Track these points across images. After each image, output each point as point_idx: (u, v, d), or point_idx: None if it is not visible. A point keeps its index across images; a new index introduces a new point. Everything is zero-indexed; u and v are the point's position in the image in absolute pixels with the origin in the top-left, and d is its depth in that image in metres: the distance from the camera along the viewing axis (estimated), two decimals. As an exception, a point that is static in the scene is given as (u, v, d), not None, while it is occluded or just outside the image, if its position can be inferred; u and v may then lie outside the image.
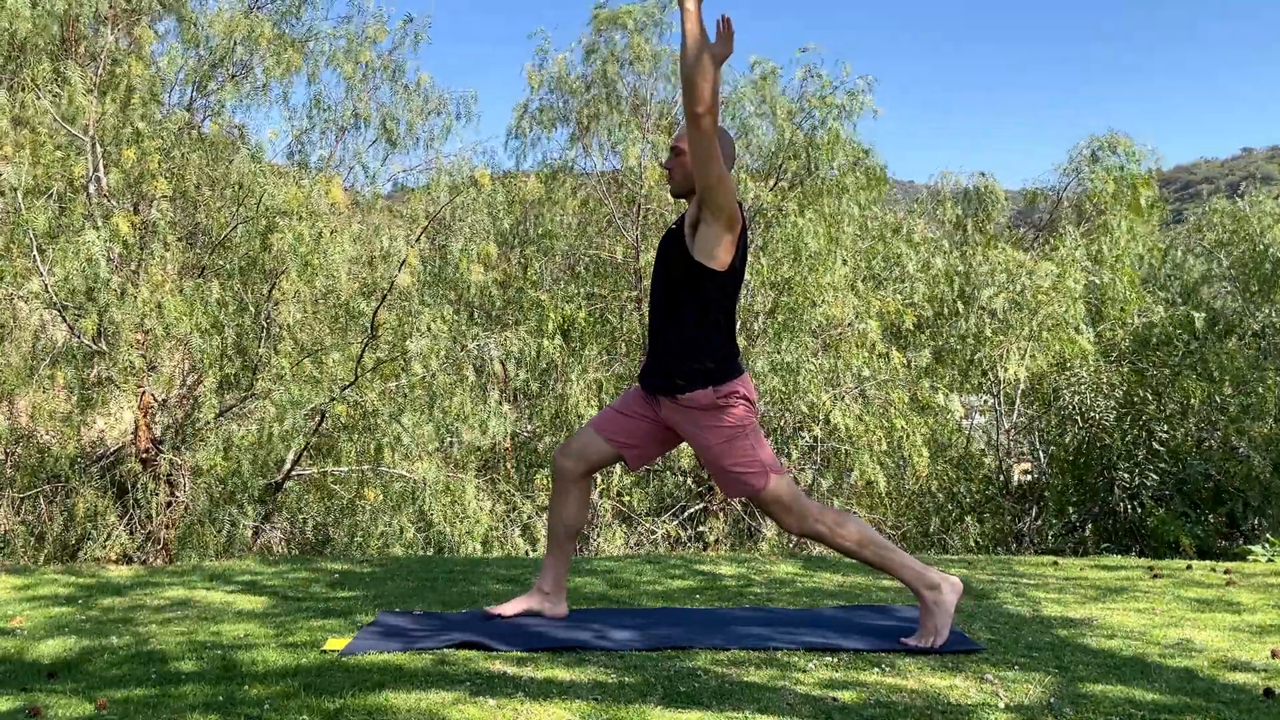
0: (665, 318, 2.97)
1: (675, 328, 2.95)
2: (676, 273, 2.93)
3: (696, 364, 2.91)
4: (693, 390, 2.92)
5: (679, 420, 3.01)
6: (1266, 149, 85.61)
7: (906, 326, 10.35)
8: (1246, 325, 12.24)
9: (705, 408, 2.92)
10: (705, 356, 2.91)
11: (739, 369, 2.96)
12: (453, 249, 9.15)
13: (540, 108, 10.68)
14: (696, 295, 2.90)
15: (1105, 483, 8.86)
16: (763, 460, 2.96)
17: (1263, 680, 2.57)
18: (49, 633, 3.21)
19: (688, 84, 2.70)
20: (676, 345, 2.94)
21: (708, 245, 2.85)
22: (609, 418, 3.13)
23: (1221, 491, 8.89)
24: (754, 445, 2.96)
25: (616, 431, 3.10)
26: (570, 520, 3.16)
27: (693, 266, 2.88)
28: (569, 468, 3.13)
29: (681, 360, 2.93)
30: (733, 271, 2.91)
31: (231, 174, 7.86)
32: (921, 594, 2.93)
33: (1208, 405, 9.58)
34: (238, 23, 7.89)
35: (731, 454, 2.94)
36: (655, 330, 3.02)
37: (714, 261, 2.86)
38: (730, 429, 2.93)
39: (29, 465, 7.76)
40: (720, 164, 2.77)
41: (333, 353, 7.85)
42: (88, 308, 6.96)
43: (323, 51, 8.74)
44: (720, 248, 2.85)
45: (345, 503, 8.45)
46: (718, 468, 3.00)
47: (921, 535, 10.67)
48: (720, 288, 2.91)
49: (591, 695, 2.38)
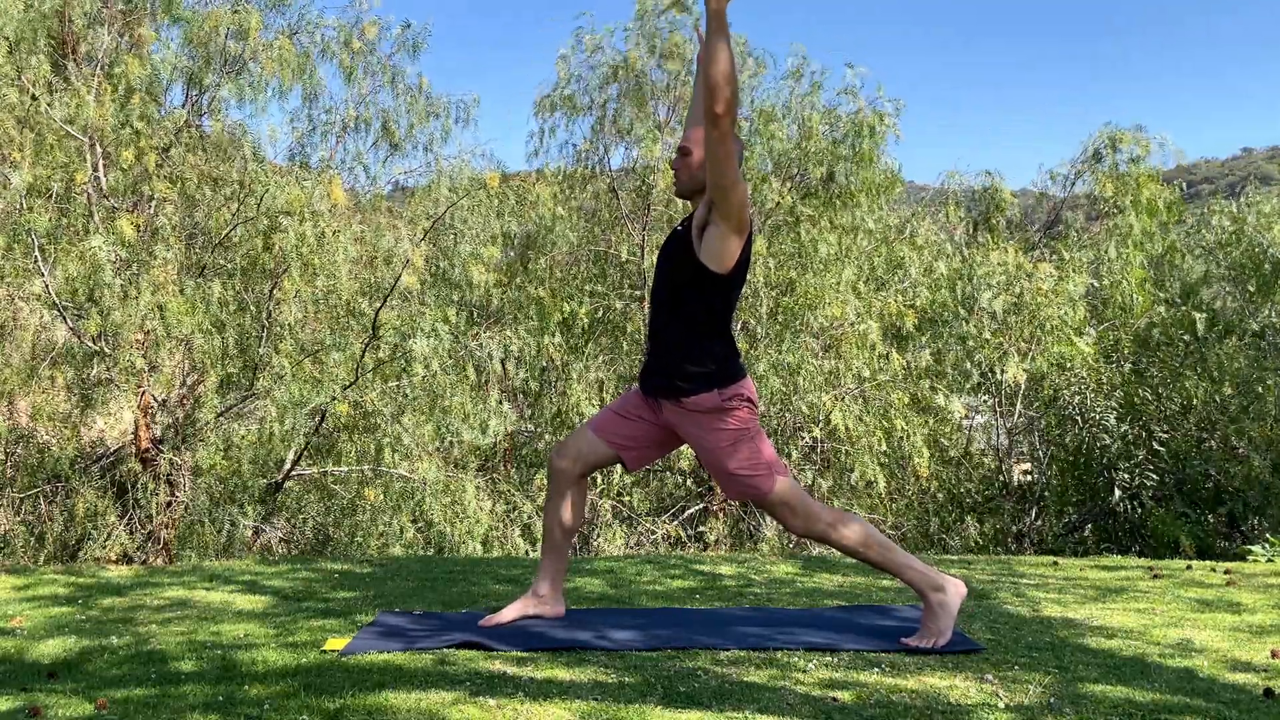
0: (668, 319, 2.96)
1: (678, 329, 2.94)
2: (681, 274, 2.91)
3: (699, 366, 2.90)
4: (696, 394, 2.90)
5: (681, 423, 2.99)
6: (1266, 149, 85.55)
7: (907, 328, 10.35)
8: (1246, 325, 12.23)
9: (709, 411, 2.91)
10: (707, 359, 2.90)
11: (741, 371, 2.96)
12: (460, 250, 9.16)
13: (566, 95, 10.64)
14: (701, 298, 2.89)
15: (1105, 483, 8.86)
16: (768, 462, 2.95)
17: (1263, 680, 2.57)
18: (49, 633, 3.21)
19: (710, 85, 2.66)
20: (679, 347, 2.93)
21: (715, 248, 2.83)
22: (608, 419, 3.12)
23: (1221, 491, 8.88)
24: (758, 447, 2.95)
25: (615, 433, 3.09)
26: (567, 522, 3.14)
27: (698, 269, 2.86)
28: (565, 468, 3.11)
29: (683, 362, 2.92)
30: (737, 275, 2.90)
31: (232, 173, 7.86)
32: (926, 595, 2.92)
33: (1208, 405, 9.57)
34: (223, 16, 7.85)
35: (736, 457, 2.93)
36: (656, 331, 3.01)
37: (720, 265, 2.84)
38: (734, 432, 2.92)
39: (29, 465, 7.76)
40: (736, 167, 2.74)
41: (333, 353, 7.85)
42: (89, 309, 6.97)
43: (315, 42, 8.71)
44: (727, 252, 2.83)
45: (345, 503, 8.45)
46: (722, 471, 2.98)
47: (921, 535, 10.66)
48: (724, 292, 2.89)
49: (591, 695, 2.38)
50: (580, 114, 10.75)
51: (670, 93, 10.53)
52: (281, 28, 8.54)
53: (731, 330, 3.00)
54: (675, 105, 10.59)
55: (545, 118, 10.76)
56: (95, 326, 6.94)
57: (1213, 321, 11.59)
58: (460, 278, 9.20)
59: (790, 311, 9.82)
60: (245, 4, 8.17)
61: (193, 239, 8.07)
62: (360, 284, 8.32)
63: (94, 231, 6.95)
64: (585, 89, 10.65)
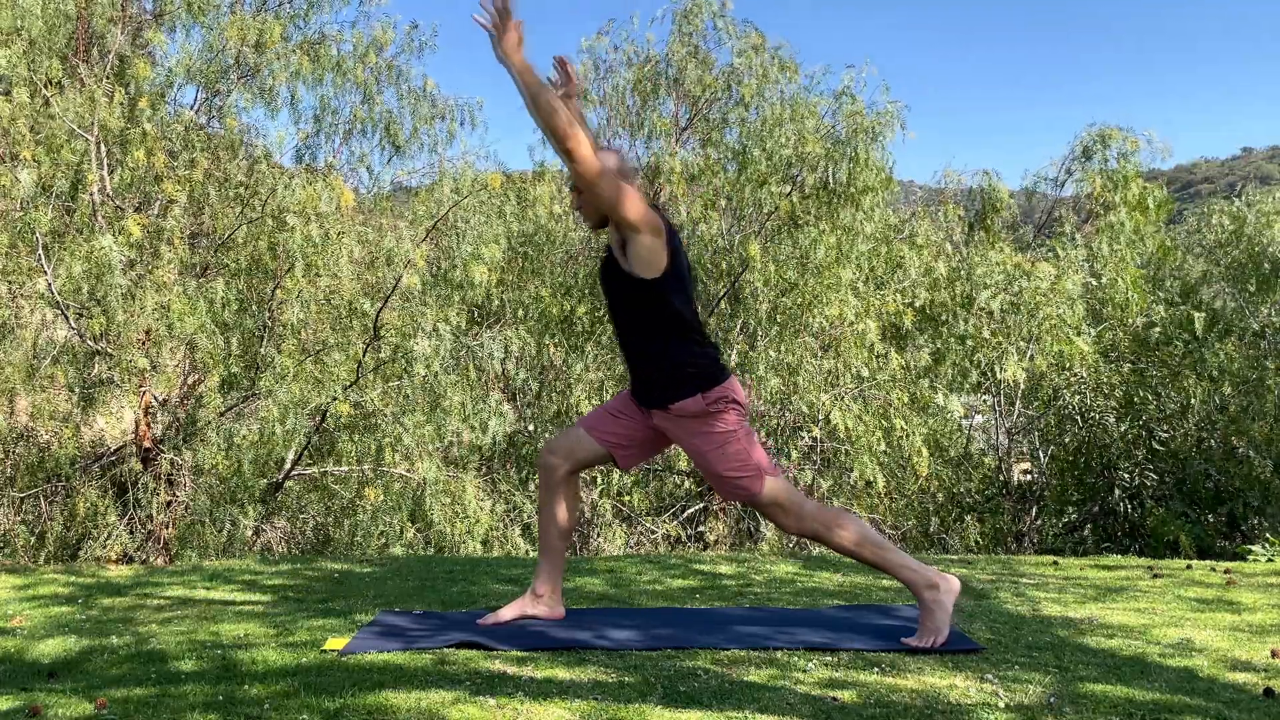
0: (632, 339, 3.00)
1: (639, 341, 2.97)
2: (623, 295, 2.96)
3: (678, 373, 2.92)
4: (680, 399, 2.92)
5: (670, 427, 3.01)
6: (1266, 149, 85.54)
7: (906, 327, 10.35)
8: (1246, 325, 12.23)
9: (696, 415, 2.92)
10: (684, 364, 2.92)
11: (725, 372, 2.97)
12: (462, 251, 9.15)
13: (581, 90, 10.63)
14: (649, 307, 2.92)
15: (1105, 483, 8.87)
16: (758, 464, 2.96)
17: (1263, 680, 2.57)
18: (49, 632, 3.21)
19: (546, 131, 2.75)
20: (647, 357, 2.96)
21: (640, 256, 2.86)
22: (600, 417, 3.13)
23: (1221, 491, 8.89)
24: (747, 449, 2.96)
25: (608, 432, 3.10)
26: (561, 521, 3.14)
27: (635, 283, 2.89)
28: (555, 465, 3.12)
29: (656, 370, 2.95)
30: (675, 273, 2.92)
31: (238, 174, 7.87)
32: (921, 594, 2.93)
33: (1208, 405, 9.57)
34: (249, 26, 7.91)
35: (725, 460, 2.95)
36: (629, 357, 3.05)
37: (652, 270, 2.87)
38: (722, 435, 2.93)
39: (29, 465, 7.76)
40: (612, 181, 2.80)
41: (334, 353, 7.86)
42: (93, 309, 6.97)
43: (330, 55, 8.76)
44: (651, 255, 2.86)
45: (345, 502, 8.45)
46: (713, 474, 3.00)
47: (921, 535, 10.67)
48: (668, 293, 2.91)
49: (591, 695, 2.38)
50: (593, 105, 10.74)
51: (679, 86, 10.53)
52: (299, 40, 8.58)
53: (701, 326, 3.01)
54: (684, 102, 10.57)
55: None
56: (99, 326, 6.94)
57: (1212, 321, 11.59)
58: (461, 278, 9.19)
59: (789, 312, 9.81)
60: (266, 14, 8.22)
61: (196, 239, 8.07)
62: (362, 285, 8.32)
63: (100, 232, 6.96)
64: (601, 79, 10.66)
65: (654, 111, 10.46)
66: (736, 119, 10.30)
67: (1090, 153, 12.86)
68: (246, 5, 8.55)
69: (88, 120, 7.22)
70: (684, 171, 9.93)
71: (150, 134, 7.36)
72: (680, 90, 10.56)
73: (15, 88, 7.06)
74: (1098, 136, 12.74)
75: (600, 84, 10.71)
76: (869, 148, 9.77)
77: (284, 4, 8.75)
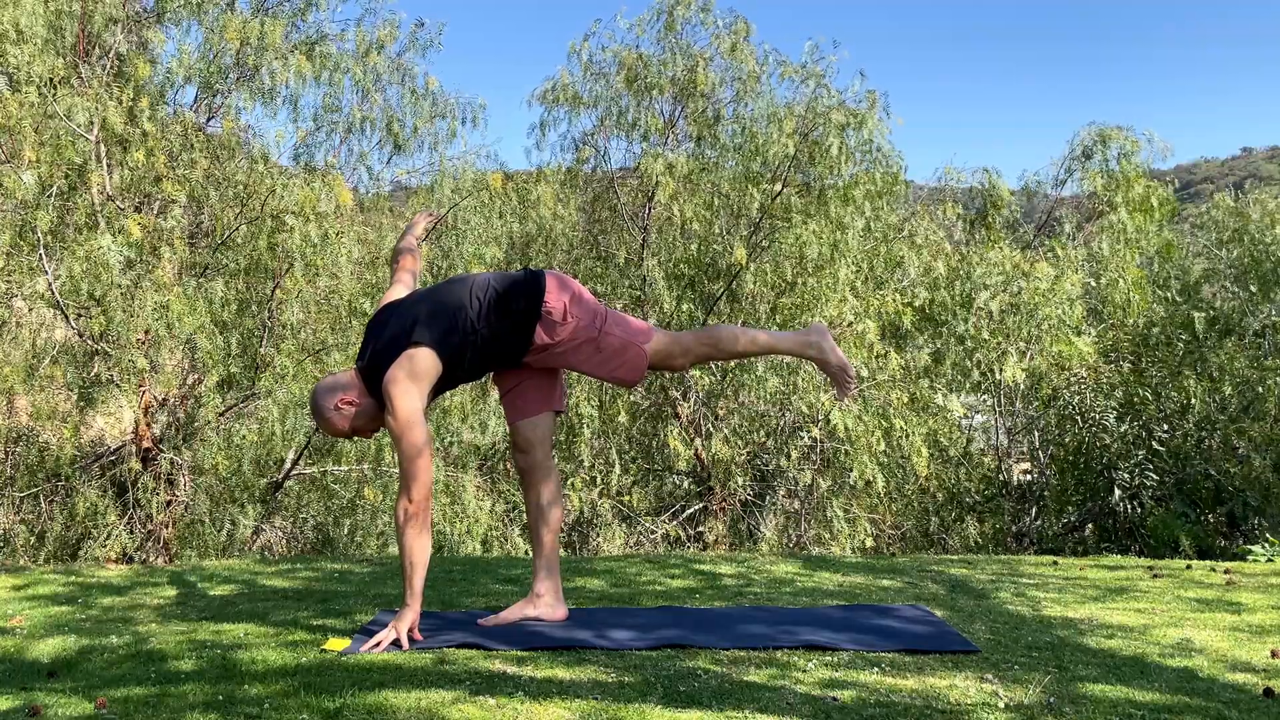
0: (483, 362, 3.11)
1: (487, 354, 3.07)
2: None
3: (498, 325, 2.99)
4: (527, 349, 3.03)
5: (548, 362, 3.13)
6: (1266, 149, 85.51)
7: (905, 327, 10.34)
8: (1247, 325, 12.22)
9: (550, 345, 3.02)
10: (510, 317, 2.99)
11: (536, 293, 3.01)
12: (462, 251, 9.14)
13: (568, 86, 10.60)
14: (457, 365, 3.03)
15: (1105, 483, 8.84)
16: (631, 339, 3.07)
17: (1263, 680, 2.57)
18: (48, 632, 3.21)
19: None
20: (502, 345, 3.04)
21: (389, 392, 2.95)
22: (509, 403, 3.23)
23: (1221, 491, 8.87)
24: (615, 333, 3.06)
25: (524, 404, 3.19)
26: (549, 519, 3.20)
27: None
28: (523, 459, 3.21)
29: (508, 346, 3.04)
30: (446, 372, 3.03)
31: (237, 174, 7.87)
32: (806, 354, 3.16)
33: (1208, 405, 9.56)
34: (250, 27, 7.90)
35: (605, 357, 3.05)
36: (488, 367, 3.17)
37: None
38: (584, 340, 3.03)
39: (29, 464, 7.76)
40: (416, 432, 2.92)
41: (334, 353, 7.85)
42: (93, 309, 6.97)
43: (329, 55, 8.74)
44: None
45: (345, 502, 8.45)
46: (606, 374, 3.10)
47: (921, 535, 10.66)
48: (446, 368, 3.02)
49: (591, 695, 2.38)
50: (584, 107, 10.73)
51: (674, 84, 10.49)
52: (299, 40, 8.57)
53: (480, 312, 3.01)
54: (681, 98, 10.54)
55: (551, 108, 10.74)
56: (98, 326, 6.94)
57: (1213, 321, 11.58)
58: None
59: (789, 311, 9.81)
60: (266, 15, 8.21)
61: (195, 239, 8.07)
62: (362, 285, 8.32)
63: (100, 232, 6.95)
64: (593, 80, 10.63)
65: (648, 110, 10.41)
66: (731, 115, 10.31)
67: (1090, 153, 12.85)
68: (244, 4, 8.54)
69: (90, 120, 7.22)
70: (675, 171, 9.89)
71: (150, 134, 7.36)
72: (672, 88, 10.53)
73: (24, 86, 7.06)
74: (1097, 136, 12.74)
75: (590, 86, 10.69)
76: (855, 136, 9.76)
77: (282, 2, 8.74)
